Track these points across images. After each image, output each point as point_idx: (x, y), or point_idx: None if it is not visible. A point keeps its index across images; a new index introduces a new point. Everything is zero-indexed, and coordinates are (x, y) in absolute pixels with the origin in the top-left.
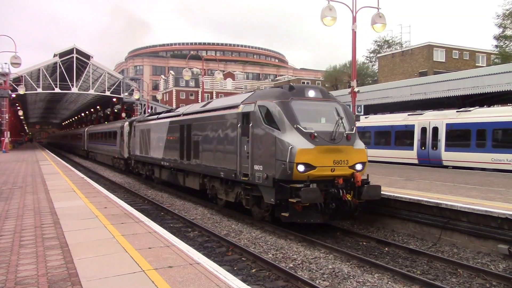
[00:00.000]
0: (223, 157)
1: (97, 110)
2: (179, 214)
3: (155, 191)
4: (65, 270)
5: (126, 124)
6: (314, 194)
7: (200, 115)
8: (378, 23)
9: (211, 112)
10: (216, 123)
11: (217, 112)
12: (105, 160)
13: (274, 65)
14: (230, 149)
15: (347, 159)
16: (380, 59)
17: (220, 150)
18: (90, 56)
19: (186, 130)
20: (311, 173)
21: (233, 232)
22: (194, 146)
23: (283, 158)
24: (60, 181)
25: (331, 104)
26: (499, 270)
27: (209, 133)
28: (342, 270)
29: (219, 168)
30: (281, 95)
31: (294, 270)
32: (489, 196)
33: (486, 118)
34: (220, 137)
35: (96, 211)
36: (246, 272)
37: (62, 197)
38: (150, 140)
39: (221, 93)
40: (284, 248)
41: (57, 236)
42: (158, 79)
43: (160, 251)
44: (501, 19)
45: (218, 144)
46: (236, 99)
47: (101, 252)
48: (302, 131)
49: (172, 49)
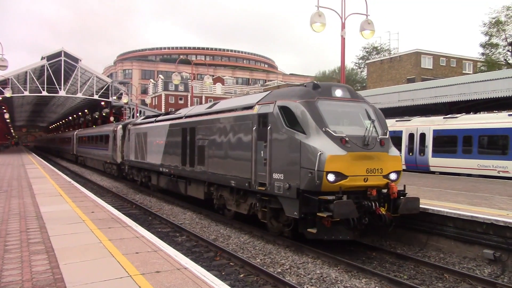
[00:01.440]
0: (235, 163)
1: (85, 114)
2: (167, 219)
3: (143, 196)
4: (51, 275)
5: (119, 127)
6: (348, 208)
7: (206, 117)
8: (366, 29)
9: (220, 114)
10: (226, 126)
11: (227, 114)
12: (96, 165)
13: (263, 70)
14: (243, 155)
15: (381, 168)
16: (368, 66)
17: (231, 156)
18: (78, 59)
19: (190, 134)
20: (342, 183)
21: (222, 237)
22: (199, 152)
23: (310, 166)
24: (46, 185)
25: (360, 104)
26: (484, 275)
27: (217, 137)
28: (330, 275)
29: (229, 176)
30: (305, 94)
31: (282, 275)
32: (475, 201)
33: (472, 125)
34: (230, 142)
35: (83, 216)
36: (234, 277)
37: (48, 201)
38: (147, 144)
39: (210, 97)
40: (272, 253)
41: (43, 241)
42: (147, 83)
43: (148, 256)
44: (487, 28)
45: (228, 150)
46: (249, 99)
47: (88, 257)
48: (332, 135)
49: (162, 53)
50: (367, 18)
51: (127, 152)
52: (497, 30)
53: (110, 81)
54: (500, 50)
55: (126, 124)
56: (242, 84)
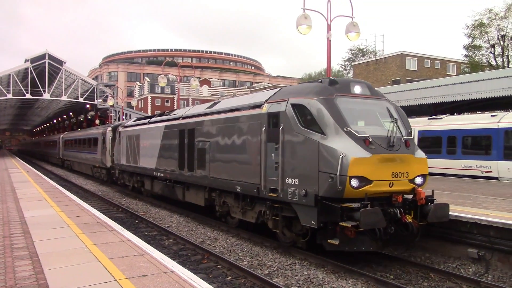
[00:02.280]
0: (241, 168)
1: (70, 117)
2: (154, 222)
3: (130, 199)
4: (35, 281)
5: (108, 130)
6: (376, 216)
7: (207, 118)
8: (352, 32)
9: (223, 114)
10: (230, 126)
11: (232, 114)
12: (84, 169)
13: (250, 72)
14: (250, 158)
15: (407, 171)
16: (354, 67)
17: (237, 160)
18: (63, 62)
19: (188, 136)
20: (367, 189)
21: (209, 239)
22: (199, 155)
23: (330, 170)
24: (30, 189)
25: (381, 102)
26: (469, 273)
27: (220, 139)
28: (317, 276)
29: (234, 182)
30: (322, 91)
31: (269, 277)
32: (459, 201)
33: (456, 126)
34: (236, 144)
35: (68, 220)
36: (222, 279)
37: (32, 205)
38: (140, 147)
39: (197, 100)
40: (259, 255)
41: (26, 246)
42: (133, 85)
43: (134, 260)
44: (470, 30)
45: (233, 152)
46: (257, 97)
47: (73, 262)
48: (355, 136)
49: (148, 55)
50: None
51: (117, 155)
52: (480, 33)
53: (95, 84)
54: (483, 52)
55: (116, 127)
56: (228, 86)
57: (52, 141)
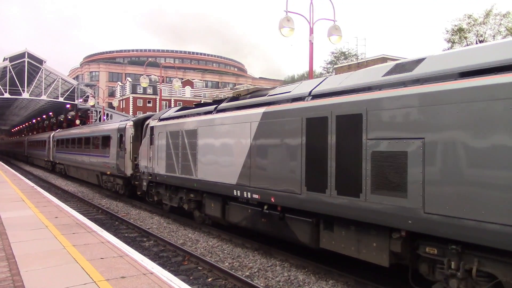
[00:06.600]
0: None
1: (50, 117)
2: (135, 224)
3: (110, 200)
4: (11, 283)
5: (129, 125)
6: None
7: (404, 92)
8: (334, 35)
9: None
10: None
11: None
12: (86, 176)
13: (233, 74)
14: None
15: None
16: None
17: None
18: (43, 61)
19: (338, 129)
20: None
21: (190, 241)
22: (375, 166)
23: None
24: (8, 190)
25: None
26: None
27: (449, 133)
28: (297, 277)
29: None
30: None
31: (250, 278)
32: None
33: None
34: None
35: (46, 221)
36: (202, 281)
37: (9, 206)
38: (198, 149)
39: (179, 101)
40: (240, 256)
41: (3, 248)
42: (115, 85)
43: (113, 262)
44: (450, 35)
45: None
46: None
47: (50, 264)
48: None
49: (130, 55)
50: (334, 23)
51: (146, 161)
52: (459, 37)
53: (76, 84)
54: None
55: (142, 120)
56: (211, 88)
57: (40, 140)
